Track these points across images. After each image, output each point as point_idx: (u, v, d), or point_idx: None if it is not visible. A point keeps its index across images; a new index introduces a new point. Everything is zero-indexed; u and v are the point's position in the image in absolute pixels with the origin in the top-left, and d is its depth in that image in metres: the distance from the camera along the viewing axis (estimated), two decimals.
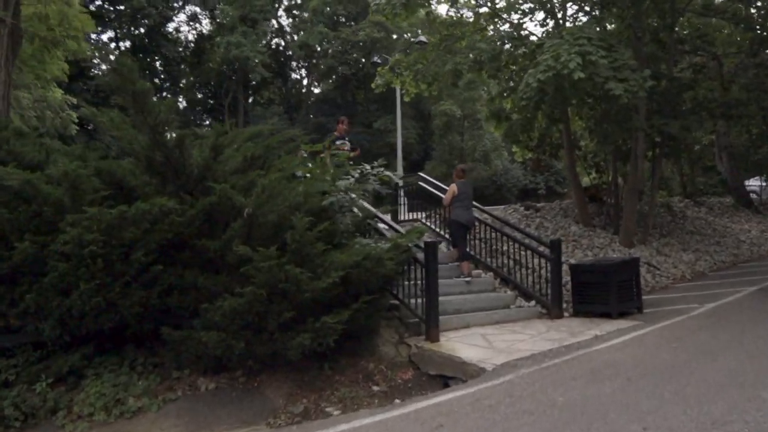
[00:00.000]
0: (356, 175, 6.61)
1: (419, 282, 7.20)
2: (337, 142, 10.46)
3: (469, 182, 9.34)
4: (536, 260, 8.84)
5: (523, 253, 9.09)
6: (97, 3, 39.75)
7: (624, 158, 12.52)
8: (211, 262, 5.72)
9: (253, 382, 6.02)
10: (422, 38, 30.77)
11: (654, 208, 12.68)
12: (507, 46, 11.12)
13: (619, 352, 6.25)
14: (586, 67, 8.25)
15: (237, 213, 5.59)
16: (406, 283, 7.32)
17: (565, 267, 9.17)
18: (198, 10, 45.47)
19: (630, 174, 11.65)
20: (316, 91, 50.53)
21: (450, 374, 6.34)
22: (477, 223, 9.70)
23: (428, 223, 10.81)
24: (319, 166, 6.55)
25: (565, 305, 8.76)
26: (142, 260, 5.33)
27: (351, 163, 9.78)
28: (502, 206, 14.19)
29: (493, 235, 9.63)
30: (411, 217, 11.22)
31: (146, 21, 40.36)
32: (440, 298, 8.03)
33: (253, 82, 46.46)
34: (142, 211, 5.18)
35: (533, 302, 8.76)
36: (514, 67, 12.04)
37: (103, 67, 41.17)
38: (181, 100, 48.37)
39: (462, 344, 6.82)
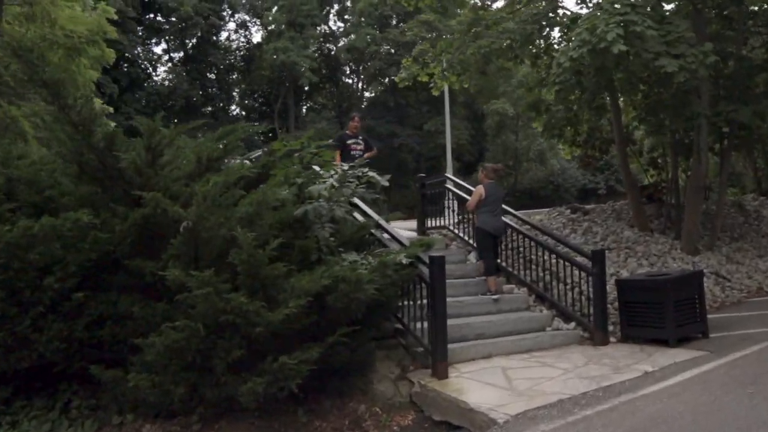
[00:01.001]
0: (335, 179, 5.44)
1: (426, 303, 5.97)
2: (349, 142, 9.36)
3: (500, 185, 8.02)
4: (577, 273, 7.43)
5: (562, 264, 7.68)
6: (150, 15, 40.29)
7: (686, 152, 10.86)
8: (151, 287, 4.67)
9: (209, 430, 4.94)
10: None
11: (723, 208, 10.92)
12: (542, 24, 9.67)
13: (675, 399, 4.82)
14: (631, 40, 6.79)
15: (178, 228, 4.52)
16: (411, 303, 6.11)
17: (611, 282, 7.74)
18: (247, 17, 45.53)
19: (693, 169, 10.00)
20: (369, 95, 49.73)
21: (455, 422, 5.09)
22: (509, 231, 8.35)
23: (457, 231, 9.52)
24: (281, 170, 5.41)
25: (612, 327, 7.30)
26: (58, 286, 4.33)
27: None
28: (546, 209, 12.68)
29: (529, 243, 8.23)
30: (438, 224, 9.94)
31: (195, 31, 40.49)
32: (460, 321, 6.79)
33: (306, 88, 46.04)
34: (52, 227, 4.18)
35: (573, 324, 7.33)
36: (555, 53, 10.61)
37: (156, 77, 41.71)
38: (234, 108, 48.63)
39: (475, 382, 5.53)
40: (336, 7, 46.14)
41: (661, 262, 9.28)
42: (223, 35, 44.88)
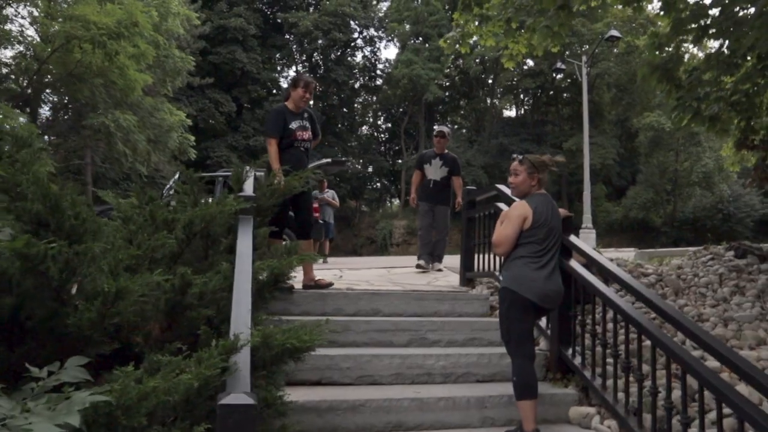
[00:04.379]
0: None
1: None
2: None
3: (551, 199, 3.87)
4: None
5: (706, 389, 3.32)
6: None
7: None
8: None
9: None
10: (614, 32, 24.57)
11: None
12: None
13: None
14: None
15: None
16: None
17: None
18: (375, 33, 43.29)
19: None
20: (508, 113, 45.39)
21: None
22: (578, 295, 4.13)
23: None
24: None
25: None
26: None
27: None
28: (693, 248, 7.83)
29: (628, 332, 3.90)
30: (486, 268, 5.78)
31: (315, 46, 38.89)
32: None
33: (438, 106, 42.75)
34: None
35: None
36: None
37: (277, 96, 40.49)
38: (366, 129, 46.45)
39: None
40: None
41: None
42: (355, 53, 43.17)
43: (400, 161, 41.76)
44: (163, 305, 2.73)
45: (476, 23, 7.01)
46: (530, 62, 38.27)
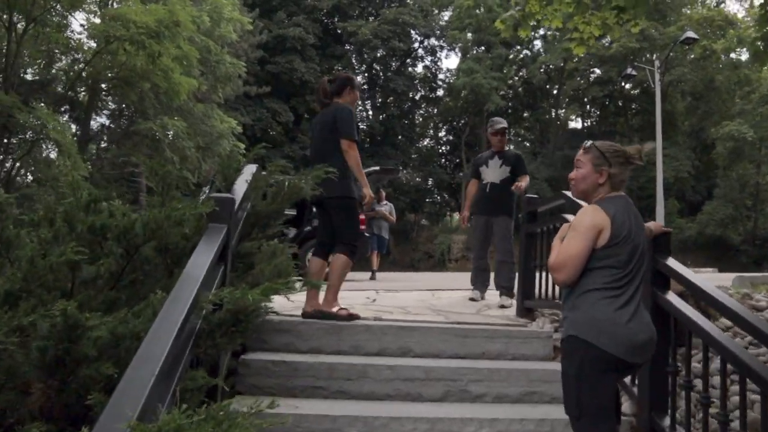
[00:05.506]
0: None
1: None
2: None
3: (633, 205, 2.74)
4: None
5: None
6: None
7: None
8: None
9: None
10: (690, 34, 22.80)
11: None
12: None
13: None
14: None
15: None
16: None
17: None
18: (436, 42, 42.18)
19: None
20: (574, 124, 43.34)
21: None
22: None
23: None
24: None
25: None
26: None
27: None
28: None
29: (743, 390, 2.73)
30: (549, 295, 4.61)
31: (374, 55, 38.20)
32: None
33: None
34: None
35: None
36: None
37: None
38: (427, 142, 45.24)
39: None
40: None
41: None
42: (415, 63, 42.14)
43: (461, 174, 40.48)
44: (40, 359, 1.75)
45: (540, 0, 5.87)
46: (598, 71, 36.55)
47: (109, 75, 15.22)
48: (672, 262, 3.05)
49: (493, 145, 6.15)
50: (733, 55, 31.53)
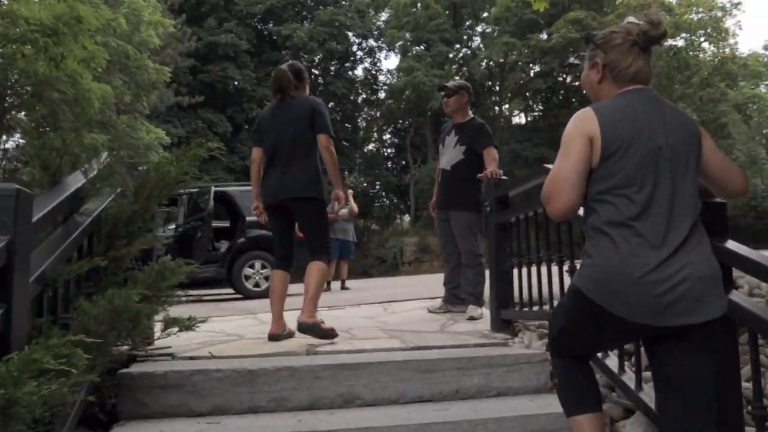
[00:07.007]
0: None
1: None
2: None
3: (655, 99, 1.84)
4: None
5: None
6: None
7: None
8: None
9: None
10: (632, 18, 22.54)
11: None
12: None
13: None
14: None
15: None
16: None
17: None
18: (375, 43, 41.20)
19: None
20: (517, 120, 42.90)
21: None
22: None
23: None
24: None
25: None
26: None
27: None
28: None
29: None
30: (532, 300, 3.56)
31: (311, 58, 37.00)
32: None
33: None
34: None
35: None
36: None
37: None
38: (372, 146, 44.26)
39: None
40: (468, 22, 40.22)
41: None
42: (355, 66, 41.01)
43: (407, 176, 39.70)
44: None
45: None
46: (537, 67, 36.24)
47: (9, 85, 13.53)
48: (734, 245, 2.02)
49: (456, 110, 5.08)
50: (671, 41, 31.71)
